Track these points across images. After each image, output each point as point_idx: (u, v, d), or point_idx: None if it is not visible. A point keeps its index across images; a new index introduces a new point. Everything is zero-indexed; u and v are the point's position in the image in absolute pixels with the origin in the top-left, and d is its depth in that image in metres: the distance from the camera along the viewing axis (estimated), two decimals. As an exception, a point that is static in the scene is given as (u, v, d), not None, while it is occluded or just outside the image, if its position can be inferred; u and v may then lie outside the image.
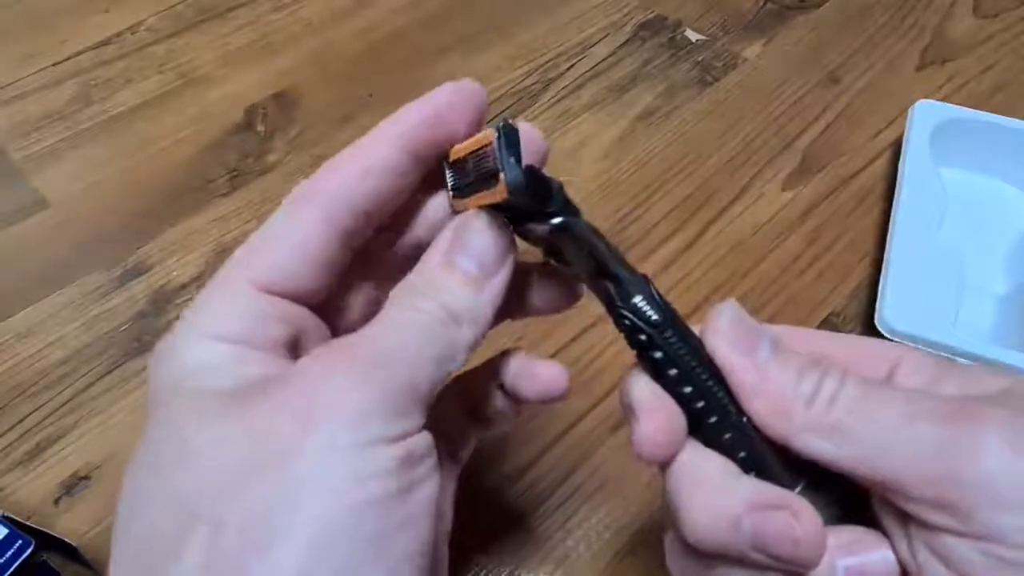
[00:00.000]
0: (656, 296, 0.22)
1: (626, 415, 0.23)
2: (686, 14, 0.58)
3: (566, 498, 0.36)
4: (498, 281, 0.22)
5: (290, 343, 0.22)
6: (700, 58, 0.56)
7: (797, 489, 0.22)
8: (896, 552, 0.20)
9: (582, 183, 0.48)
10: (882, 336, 0.38)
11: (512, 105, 0.52)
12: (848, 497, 0.21)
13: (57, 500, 0.35)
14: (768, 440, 0.21)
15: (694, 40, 0.57)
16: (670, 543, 0.23)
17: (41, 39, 0.56)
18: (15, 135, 0.50)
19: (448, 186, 0.24)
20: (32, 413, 0.38)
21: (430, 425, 0.21)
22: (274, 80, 0.54)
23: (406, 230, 0.25)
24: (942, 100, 0.49)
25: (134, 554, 0.19)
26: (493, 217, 0.22)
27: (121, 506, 0.20)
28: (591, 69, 0.55)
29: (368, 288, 0.25)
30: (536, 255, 0.25)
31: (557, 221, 0.22)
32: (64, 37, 0.56)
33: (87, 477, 0.36)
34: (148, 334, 0.41)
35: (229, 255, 0.22)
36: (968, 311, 0.41)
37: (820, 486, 0.22)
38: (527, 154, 0.21)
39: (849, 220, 0.46)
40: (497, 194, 0.21)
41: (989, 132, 0.46)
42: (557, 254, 0.24)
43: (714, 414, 0.22)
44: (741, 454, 0.22)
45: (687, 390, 0.22)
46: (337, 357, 0.20)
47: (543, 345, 0.40)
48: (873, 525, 0.21)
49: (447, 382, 0.23)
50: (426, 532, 0.20)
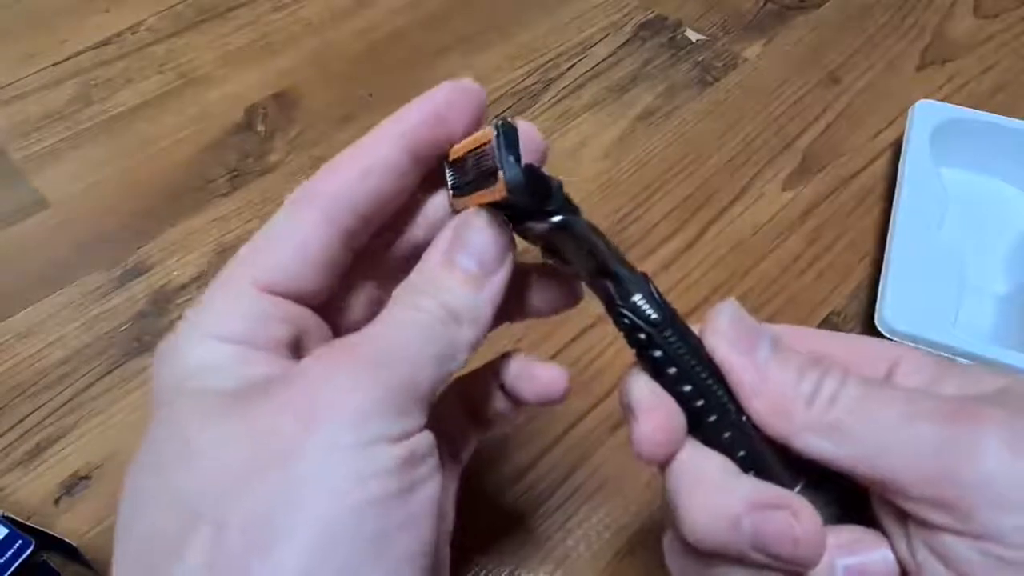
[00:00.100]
0: (656, 295, 0.22)
1: (625, 414, 0.23)
2: (686, 14, 0.58)
3: (566, 498, 0.36)
4: (498, 279, 0.22)
5: (292, 343, 0.22)
6: (700, 58, 0.56)
7: (796, 488, 0.22)
8: (895, 552, 0.20)
9: (582, 183, 0.48)
10: (882, 336, 0.38)
11: (512, 105, 0.52)
12: (848, 496, 0.21)
13: (57, 500, 0.35)
14: (768, 439, 0.21)
15: (694, 40, 0.57)
16: (669, 542, 0.23)
17: (41, 39, 0.56)
18: (15, 135, 0.50)
19: (448, 185, 0.24)
20: (32, 413, 0.38)
21: (431, 425, 0.21)
22: (274, 80, 0.54)
23: (407, 230, 0.25)
24: (942, 100, 0.49)
25: (136, 554, 0.19)
26: (493, 216, 0.22)
27: (123, 506, 0.20)
28: (591, 69, 0.55)
29: (370, 288, 0.25)
30: (535, 256, 0.25)
31: (557, 220, 0.21)
32: (64, 37, 0.56)
33: (87, 477, 0.36)
34: (148, 334, 0.41)
35: (229, 255, 0.22)
36: (968, 311, 0.41)
37: (820, 485, 0.22)
38: (527, 153, 0.21)
39: (849, 220, 0.46)
40: (496, 192, 0.21)
41: (989, 132, 0.46)
42: (557, 253, 0.24)
43: (713, 413, 0.22)
44: (740, 453, 0.22)
45: (686, 389, 0.22)
46: (338, 357, 0.20)
47: (543, 345, 0.40)
48: (872, 525, 0.21)
49: (448, 382, 0.23)
50: (427, 532, 0.20)
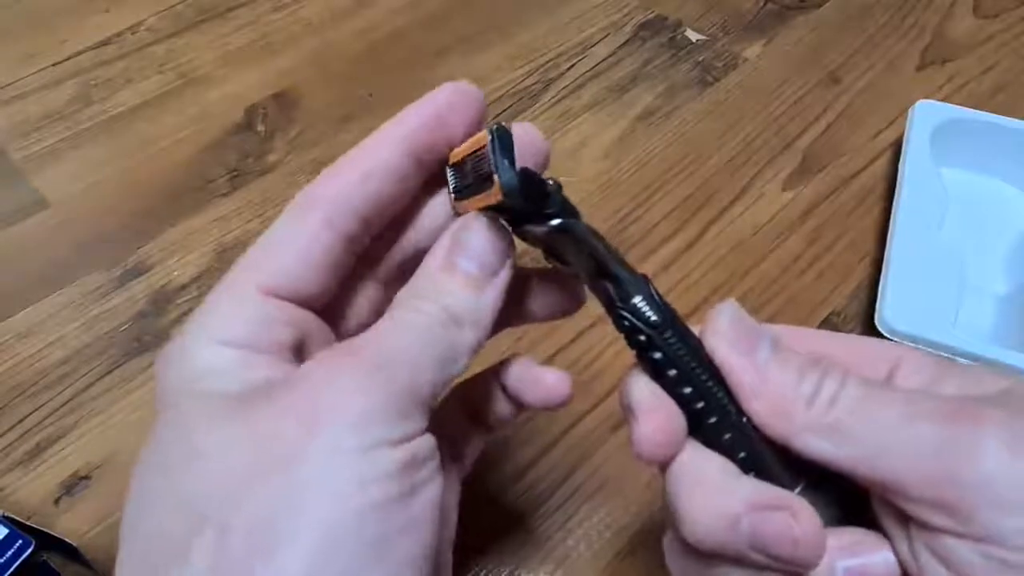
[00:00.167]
0: (655, 297, 0.22)
1: (626, 415, 0.23)
2: (686, 14, 0.58)
3: (566, 498, 0.36)
4: (499, 282, 0.22)
5: (295, 346, 0.22)
6: (700, 58, 0.55)
7: (797, 489, 0.22)
8: (897, 553, 0.20)
9: (582, 183, 0.48)
10: (882, 336, 0.38)
11: (512, 105, 0.52)
12: (849, 498, 0.21)
13: (57, 500, 0.35)
14: (768, 440, 0.21)
15: (694, 40, 0.57)
16: (669, 543, 0.23)
17: (41, 39, 0.56)
18: (15, 135, 0.50)
19: (450, 188, 0.24)
20: (32, 413, 0.38)
21: (433, 429, 0.21)
22: (274, 80, 0.54)
23: (408, 232, 0.25)
24: (942, 100, 0.49)
25: (141, 554, 0.19)
26: (492, 219, 0.22)
27: (129, 505, 0.20)
28: (591, 69, 0.55)
29: (372, 290, 0.25)
30: (536, 258, 0.25)
31: (556, 223, 0.22)
32: (64, 37, 0.56)
33: (87, 477, 0.36)
34: (148, 334, 0.41)
35: (229, 255, 0.22)
36: (968, 311, 0.41)
37: (820, 487, 0.22)
38: (529, 155, 0.21)
39: (849, 220, 0.46)
40: (492, 196, 0.21)
41: (989, 132, 0.46)
42: (557, 255, 0.24)
43: (714, 414, 0.22)
44: (741, 454, 0.22)
45: (686, 390, 0.22)
46: (340, 360, 0.20)
47: (543, 346, 0.40)
48: (874, 526, 0.21)
49: (450, 386, 0.23)
50: (429, 536, 0.20)
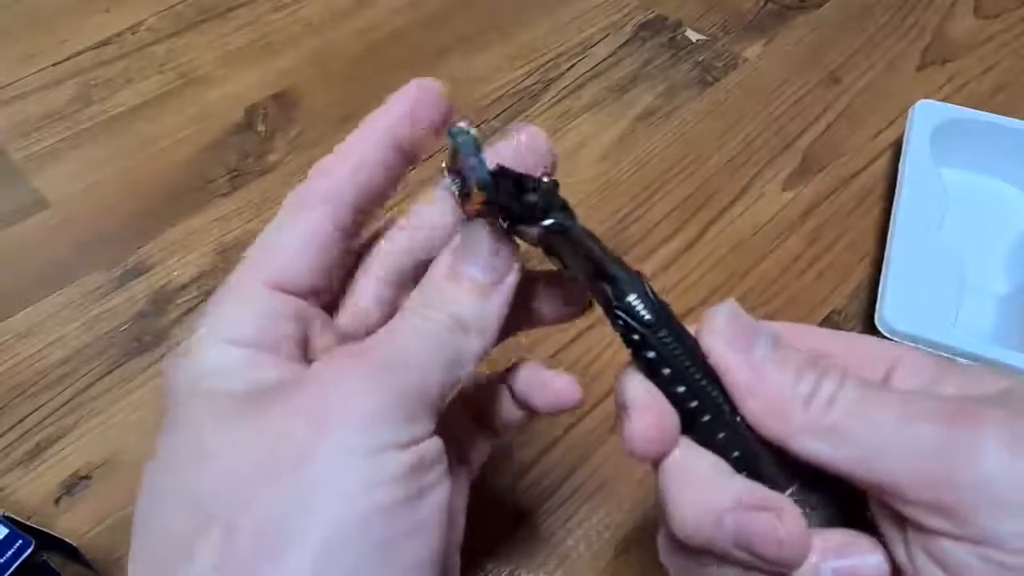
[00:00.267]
0: (650, 295, 0.22)
1: (619, 413, 0.23)
2: (686, 14, 0.58)
3: (566, 498, 0.36)
4: (504, 289, 0.23)
5: (301, 340, 0.22)
6: (700, 58, 0.55)
7: (791, 489, 0.22)
8: (893, 556, 0.20)
9: (582, 183, 0.48)
10: (882, 336, 0.38)
11: (512, 105, 0.52)
12: (846, 499, 0.21)
13: (57, 500, 0.35)
14: (764, 440, 0.21)
15: (694, 40, 0.57)
16: (662, 539, 0.24)
17: (41, 39, 0.56)
18: (15, 135, 0.50)
19: (455, 193, 0.24)
20: (32, 413, 0.38)
21: (440, 433, 0.21)
22: (274, 80, 0.54)
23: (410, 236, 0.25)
24: (943, 100, 0.49)
25: (151, 550, 0.20)
26: (496, 226, 0.23)
27: (140, 501, 0.20)
28: (591, 69, 0.55)
29: (371, 285, 0.25)
30: (539, 259, 0.25)
31: (548, 223, 0.22)
32: (64, 37, 0.56)
33: (87, 477, 0.36)
34: (148, 334, 0.41)
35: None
36: (968, 311, 0.41)
37: (817, 487, 0.22)
38: (532, 160, 0.21)
39: (849, 220, 0.46)
40: (478, 196, 0.21)
41: (989, 132, 0.46)
42: (555, 255, 0.24)
43: (707, 413, 0.22)
44: (735, 454, 0.22)
45: (680, 389, 0.22)
46: (349, 362, 0.20)
47: (542, 346, 0.40)
48: (872, 528, 0.21)
49: (457, 390, 0.23)
50: (436, 540, 0.20)
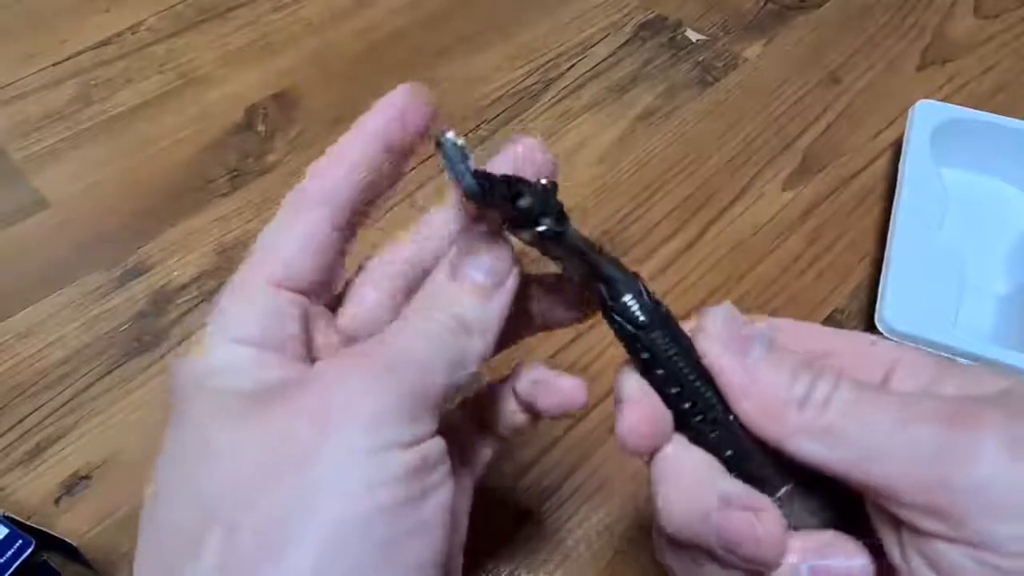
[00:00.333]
0: (645, 296, 0.22)
1: (615, 409, 0.23)
2: (686, 14, 0.58)
3: (566, 498, 0.36)
4: (506, 290, 0.23)
5: (306, 340, 0.22)
6: (700, 58, 0.55)
7: (785, 489, 0.22)
8: (889, 558, 0.20)
9: (582, 184, 0.48)
10: (882, 336, 0.38)
11: (512, 105, 0.52)
12: (842, 501, 0.21)
13: (57, 500, 0.35)
14: (758, 441, 0.21)
15: (694, 40, 0.57)
16: (656, 536, 0.24)
17: (41, 39, 0.56)
18: (15, 135, 0.50)
19: (461, 197, 0.24)
20: (32, 413, 0.38)
21: (446, 436, 0.21)
22: (274, 80, 0.54)
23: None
24: (943, 100, 0.49)
25: (157, 543, 0.20)
26: (496, 228, 0.23)
27: (150, 494, 0.21)
28: (591, 69, 0.55)
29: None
30: (538, 261, 0.25)
31: (541, 229, 0.22)
32: (64, 37, 0.56)
33: (87, 477, 0.36)
34: (148, 334, 0.41)
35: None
36: (968, 311, 0.41)
37: (813, 489, 0.22)
38: (530, 170, 0.22)
39: (849, 220, 0.46)
40: (467, 205, 0.22)
41: (989, 132, 0.46)
42: (552, 257, 0.24)
43: (701, 414, 0.22)
44: (727, 453, 0.22)
45: (674, 390, 0.22)
46: (353, 361, 0.21)
47: (543, 347, 0.40)
48: (868, 529, 0.21)
49: (464, 393, 0.23)
50: (439, 540, 0.20)
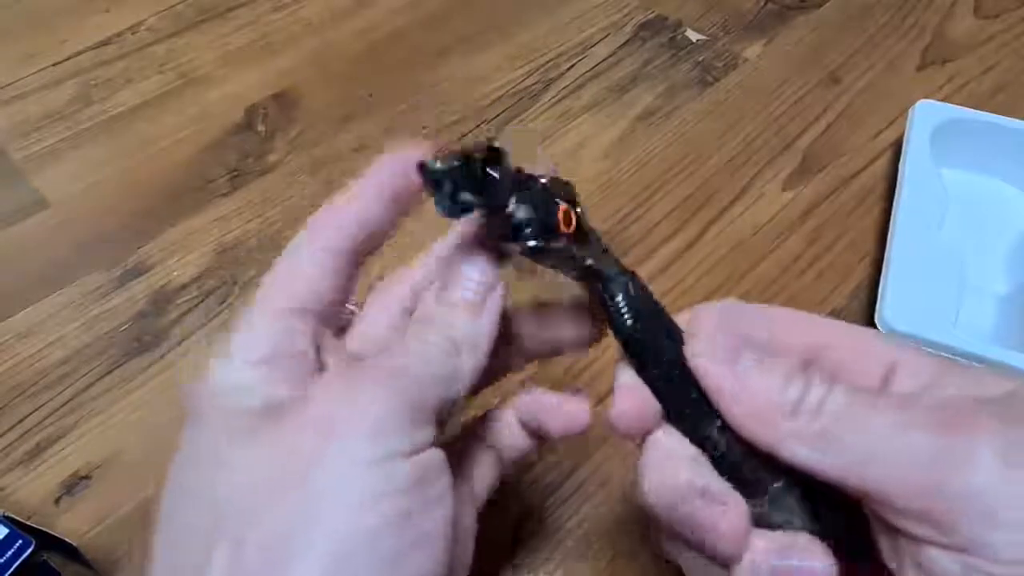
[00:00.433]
0: (637, 298, 0.23)
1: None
2: (686, 14, 0.58)
3: (567, 497, 0.36)
4: (492, 306, 0.23)
5: (315, 360, 0.23)
6: (700, 58, 0.55)
7: (776, 486, 0.22)
8: (884, 562, 0.20)
9: (582, 184, 0.48)
10: (882, 336, 0.38)
11: (512, 105, 0.52)
12: (838, 501, 0.21)
13: (57, 500, 0.35)
14: (747, 443, 0.21)
15: (694, 40, 0.57)
16: (652, 521, 0.24)
17: (41, 39, 0.56)
18: (15, 135, 0.50)
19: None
20: (32, 413, 0.38)
21: (448, 453, 0.22)
22: (274, 80, 0.54)
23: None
24: (943, 100, 0.49)
25: (172, 545, 0.21)
26: (480, 247, 0.23)
27: (166, 495, 0.21)
28: (591, 69, 0.55)
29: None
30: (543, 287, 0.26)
31: (531, 244, 0.22)
32: (64, 37, 0.56)
33: (87, 477, 0.36)
34: (148, 334, 0.41)
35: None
36: (968, 311, 0.41)
37: (809, 490, 0.22)
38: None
39: (849, 220, 0.46)
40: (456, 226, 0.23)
41: (989, 132, 0.46)
42: (551, 265, 0.24)
43: (688, 411, 0.22)
44: (714, 451, 0.22)
45: (664, 389, 0.23)
46: (356, 374, 0.21)
47: (543, 345, 0.40)
48: (866, 532, 0.21)
49: (461, 410, 0.23)
50: (441, 552, 0.21)
